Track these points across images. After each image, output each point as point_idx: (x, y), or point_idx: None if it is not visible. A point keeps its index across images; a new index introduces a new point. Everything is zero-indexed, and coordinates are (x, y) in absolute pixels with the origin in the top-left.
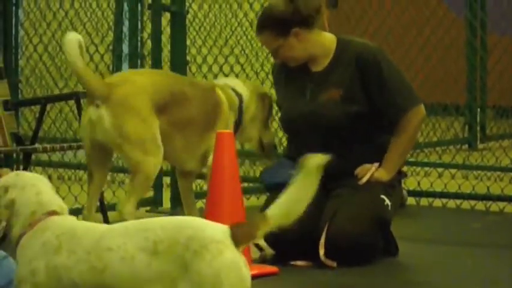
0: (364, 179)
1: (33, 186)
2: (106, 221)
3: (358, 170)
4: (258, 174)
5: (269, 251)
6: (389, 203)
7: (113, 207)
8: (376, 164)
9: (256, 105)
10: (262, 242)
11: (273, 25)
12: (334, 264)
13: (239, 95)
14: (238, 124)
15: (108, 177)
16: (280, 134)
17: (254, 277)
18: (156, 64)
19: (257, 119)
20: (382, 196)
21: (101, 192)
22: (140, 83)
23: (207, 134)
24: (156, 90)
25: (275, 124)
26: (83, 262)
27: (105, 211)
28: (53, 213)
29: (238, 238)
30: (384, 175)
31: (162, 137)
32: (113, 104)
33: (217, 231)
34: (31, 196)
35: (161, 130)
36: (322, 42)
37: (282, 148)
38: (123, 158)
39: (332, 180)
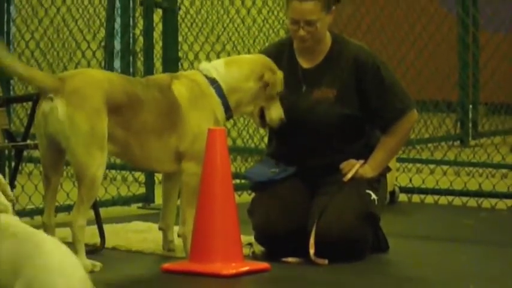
0: (349, 175)
1: None
2: (98, 218)
3: (343, 165)
4: None
5: (258, 248)
6: (375, 198)
7: (104, 203)
8: (361, 161)
9: (247, 82)
10: (251, 239)
11: None
12: (326, 261)
13: (212, 80)
14: (226, 106)
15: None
16: (262, 130)
17: (246, 273)
18: (148, 60)
19: (250, 95)
20: (368, 191)
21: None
22: (96, 77)
23: (169, 136)
24: (112, 88)
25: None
26: None
27: (97, 208)
28: None
29: None
30: (368, 172)
31: (117, 143)
32: (66, 94)
33: None
34: None
35: (115, 135)
36: (326, 34)
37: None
38: (69, 156)
39: (318, 178)
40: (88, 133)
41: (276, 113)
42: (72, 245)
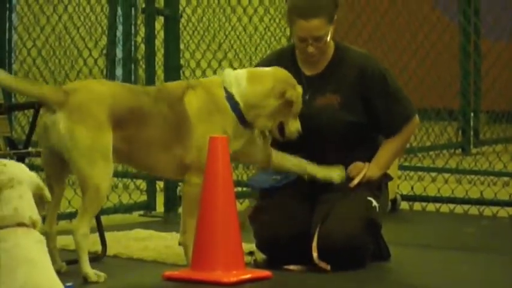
0: (356, 181)
1: (19, 186)
2: (99, 225)
3: (351, 169)
4: None
5: (260, 256)
6: (377, 205)
7: (106, 211)
8: (368, 164)
9: (268, 99)
10: (252, 247)
11: (327, 9)
12: (328, 266)
13: (228, 93)
14: (242, 119)
15: None
16: None
17: (248, 281)
18: (150, 68)
19: (269, 111)
20: (370, 198)
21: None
22: (99, 92)
23: (175, 148)
24: (115, 103)
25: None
26: None
27: (98, 216)
28: (22, 225)
29: None
30: (375, 172)
31: (120, 155)
32: (69, 108)
33: None
34: (13, 197)
35: (118, 148)
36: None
37: None
38: (72, 169)
39: (321, 185)
40: (90, 147)
41: (294, 126)
42: (74, 253)
